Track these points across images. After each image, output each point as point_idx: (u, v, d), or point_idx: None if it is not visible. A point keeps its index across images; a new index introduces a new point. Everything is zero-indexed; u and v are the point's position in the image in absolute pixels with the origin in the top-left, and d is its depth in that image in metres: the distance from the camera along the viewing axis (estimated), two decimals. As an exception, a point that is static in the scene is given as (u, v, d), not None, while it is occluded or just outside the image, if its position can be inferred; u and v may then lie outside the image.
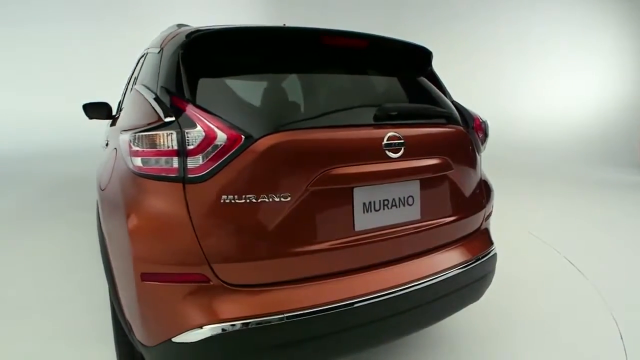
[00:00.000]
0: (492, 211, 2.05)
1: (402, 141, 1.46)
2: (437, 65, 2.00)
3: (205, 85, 1.38)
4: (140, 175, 1.30)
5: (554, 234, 3.87)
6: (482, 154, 1.93)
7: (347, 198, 1.39)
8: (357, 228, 1.42)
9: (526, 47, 10.29)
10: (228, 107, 1.34)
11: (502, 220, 4.24)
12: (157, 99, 1.41)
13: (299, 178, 1.30)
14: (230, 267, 1.27)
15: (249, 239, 1.28)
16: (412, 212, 1.55)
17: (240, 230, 1.27)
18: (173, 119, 1.27)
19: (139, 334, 1.35)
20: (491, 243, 1.89)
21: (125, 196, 1.36)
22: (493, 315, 2.39)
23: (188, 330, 1.24)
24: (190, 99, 1.33)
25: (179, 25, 1.91)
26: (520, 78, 10.36)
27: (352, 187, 1.40)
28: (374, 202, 1.45)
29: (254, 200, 1.26)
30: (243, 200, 1.25)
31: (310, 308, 1.31)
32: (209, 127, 1.25)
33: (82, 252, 3.17)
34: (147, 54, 1.99)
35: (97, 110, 2.73)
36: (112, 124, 2.50)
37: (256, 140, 1.26)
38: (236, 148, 1.24)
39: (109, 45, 8.81)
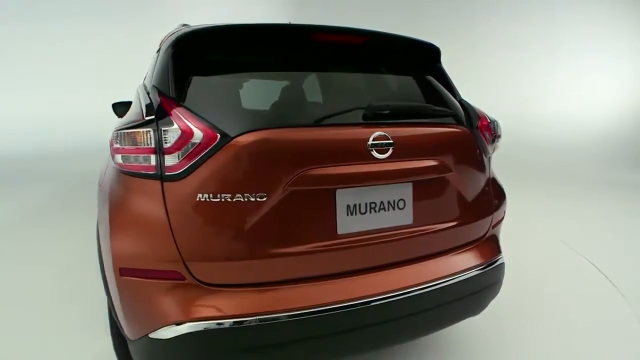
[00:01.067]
0: (503, 217, 1.92)
1: (390, 141, 1.39)
2: (460, 64, 1.91)
3: (192, 83, 1.39)
4: (123, 172, 1.33)
5: (587, 244, 3.58)
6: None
7: (330, 200, 1.35)
8: (340, 231, 1.37)
9: (550, 47, 10.19)
10: (210, 105, 1.33)
11: (529, 226, 4.03)
12: (146, 98, 1.44)
13: (276, 178, 1.27)
14: (206, 267, 1.27)
15: (225, 239, 1.27)
16: (403, 217, 1.47)
17: (215, 229, 1.26)
18: (153, 117, 1.29)
19: (124, 327, 1.38)
20: (498, 252, 1.77)
21: (110, 192, 1.40)
22: (520, 328, 2.23)
23: (162, 327, 1.25)
24: (174, 98, 1.34)
25: (183, 25, 1.94)
26: (544, 78, 10.12)
27: (335, 189, 1.35)
28: (359, 205, 1.39)
29: (229, 200, 1.24)
30: (218, 199, 1.24)
31: (285, 312, 1.27)
32: (186, 125, 1.25)
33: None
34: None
35: (126, 108, 2.84)
36: None
37: (232, 138, 1.25)
38: (212, 146, 1.24)
39: (133, 44, 8.70)
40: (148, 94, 1.47)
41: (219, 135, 1.24)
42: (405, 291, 1.44)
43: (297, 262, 1.33)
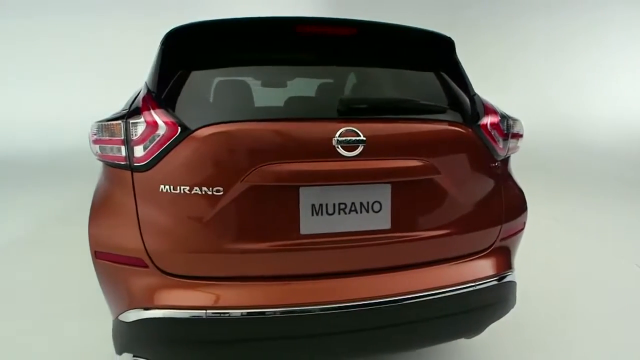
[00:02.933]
0: (521, 229, 1.67)
1: (360, 138, 1.28)
2: (504, 64, 1.71)
3: (172, 79, 1.42)
4: (103, 162, 1.42)
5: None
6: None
7: (292, 198, 1.29)
8: (304, 231, 1.31)
9: (603, 48, 9.77)
10: (182, 100, 1.36)
11: (597, 243, 3.46)
12: (135, 94, 1.52)
13: (232, 172, 1.25)
14: (166, 256, 1.30)
15: (184, 231, 1.29)
16: (378, 221, 1.36)
17: (175, 220, 1.29)
18: (126, 110, 1.36)
19: (108, 307, 1.48)
20: (505, 268, 1.55)
21: (98, 180, 1.50)
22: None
23: (127, 310, 1.31)
24: (155, 93, 1.40)
25: None
26: (596, 79, 9.64)
27: (298, 186, 1.29)
28: (326, 205, 1.32)
29: (187, 192, 1.26)
30: (178, 191, 1.27)
31: (239, 309, 1.25)
32: (152, 118, 1.29)
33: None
34: None
35: None
36: None
37: (192, 132, 1.26)
38: (173, 139, 1.26)
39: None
40: (141, 89, 1.55)
41: (179, 128, 1.26)
42: (378, 301, 1.33)
43: (256, 259, 1.30)
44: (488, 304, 1.48)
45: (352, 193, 1.33)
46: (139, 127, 1.29)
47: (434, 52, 1.68)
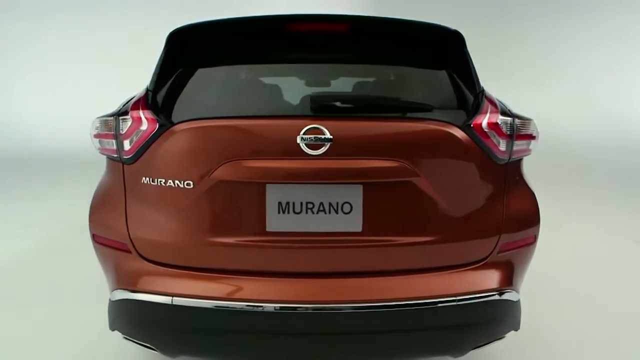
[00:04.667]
0: (531, 243, 1.49)
1: (325, 136, 1.25)
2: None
3: (168, 77, 1.51)
4: (104, 155, 1.56)
5: None
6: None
7: (259, 194, 1.30)
8: (270, 229, 1.31)
9: None
10: (169, 98, 1.43)
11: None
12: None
13: (200, 167, 1.30)
14: (145, 243, 1.39)
15: (159, 221, 1.37)
16: (349, 222, 1.31)
17: (153, 210, 1.38)
18: (120, 108, 1.48)
19: None
20: (502, 285, 1.39)
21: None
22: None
23: (114, 290, 1.44)
24: (150, 90, 1.50)
25: None
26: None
27: (265, 183, 1.30)
28: (293, 203, 1.30)
29: (163, 184, 1.34)
30: (156, 183, 1.35)
31: (199, 298, 1.30)
32: (137, 114, 1.39)
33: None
34: None
35: None
36: None
37: (168, 128, 1.33)
38: (152, 134, 1.35)
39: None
40: None
41: (158, 124, 1.34)
42: (343, 306, 1.28)
43: (224, 253, 1.33)
44: (471, 323, 1.34)
45: (320, 192, 1.30)
46: (127, 122, 1.40)
47: (436, 47, 1.57)
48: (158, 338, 1.37)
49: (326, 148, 1.25)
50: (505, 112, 1.44)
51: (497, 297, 1.36)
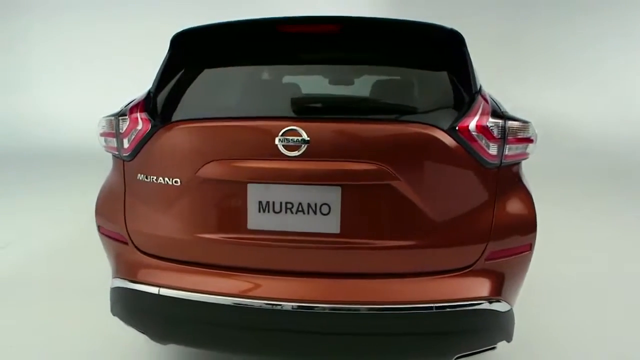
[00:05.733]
0: (525, 252, 1.43)
1: (303, 138, 1.26)
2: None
3: (168, 78, 1.58)
4: (109, 152, 1.67)
5: None
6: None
7: (241, 193, 1.34)
8: (251, 227, 1.35)
9: None
10: (165, 99, 1.51)
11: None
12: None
13: (186, 166, 1.36)
14: (139, 236, 1.48)
15: (150, 215, 1.45)
16: (327, 224, 1.32)
17: (146, 205, 1.46)
18: (122, 108, 1.57)
19: None
20: (489, 294, 1.35)
21: None
22: None
23: (114, 277, 1.55)
24: (152, 91, 1.59)
25: None
26: None
27: (246, 183, 1.34)
28: (273, 203, 1.33)
29: (154, 181, 1.42)
30: (148, 180, 1.43)
31: (184, 291, 1.36)
32: (135, 115, 1.48)
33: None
34: None
35: None
36: None
37: (159, 128, 1.41)
38: (145, 134, 1.43)
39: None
40: None
41: (150, 125, 1.42)
42: (316, 305, 1.30)
43: (208, 248, 1.39)
44: (452, 331, 1.31)
45: (299, 193, 1.32)
46: (125, 122, 1.49)
47: (431, 48, 1.53)
48: (147, 325, 1.46)
49: (303, 150, 1.27)
50: (497, 114, 1.38)
51: (481, 306, 1.32)
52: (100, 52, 8.92)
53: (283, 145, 1.27)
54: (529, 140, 1.42)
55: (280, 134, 1.27)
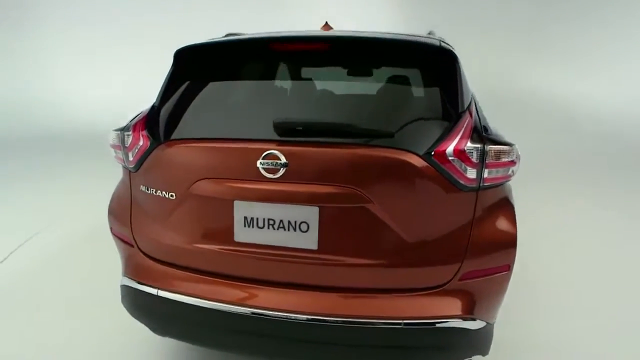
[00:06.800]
0: (500, 272, 1.45)
1: (281, 161, 1.34)
2: None
3: (169, 95, 1.69)
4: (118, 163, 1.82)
5: None
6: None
7: (228, 209, 1.45)
8: (238, 239, 1.46)
9: None
10: (165, 116, 1.62)
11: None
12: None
13: (180, 182, 1.48)
14: (142, 240, 1.64)
15: (150, 222, 1.60)
16: (306, 240, 1.41)
17: (147, 213, 1.61)
18: (128, 123, 1.71)
19: None
20: (462, 313, 1.40)
21: None
22: None
23: (123, 276, 1.73)
24: (156, 106, 1.71)
25: (226, 35, 2.25)
26: None
27: (233, 200, 1.44)
28: (257, 219, 1.43)
29: (154, 193, 1.56)
30: (149, 192, 1.58)
31: (179, 294, 1.51)
32: (137, 131, 1.61)
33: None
34: None
35: None
36: None
37: (157, 146, 1.53)
38: (145, 150, 1.56)
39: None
40: None
41: (149, 143, 1.55)
42: (296, 315, 1.40)
43: (201, 257, 1.52)
44: (417, 347, 1.38)
45: (280, 211, 1.41)
46: (129, 138, 1.63)
47: (419, 67, 1.54)
48: (147, 320, 1.65)
49: (282, 172, 1.35)
50: (478, 137, 1.38)
51: (449, 324, 1.37)
52: (119, 34, 8.70)
53: (264, 168, 1.36)
54: (510, 163, 1.42)
55: (262, 157, 1.36)
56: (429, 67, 1.53)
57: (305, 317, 1.39)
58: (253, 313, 1.43)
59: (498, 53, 8.17)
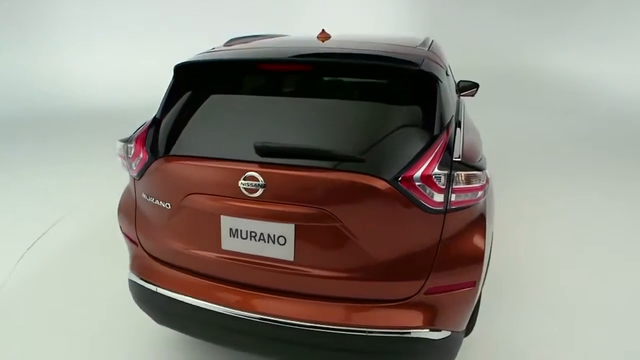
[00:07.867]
0: (465, 288, 1.54)
1: (259, 182, 1.46)
2: None
3: (169, 109, 1.82)
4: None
5: None
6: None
7: (216, 221, 1.60)
8: (224, 247, 1.62)
9: None
10: (162, 130, 1.77)
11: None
12: None
13: (174, 195, 1.64)
14: (145, 241, 1.84)
15: (150, 227, 1.79)
16: (283, 252, 1.55)
17: (148, 218, 1.80)
18: (131, 135, 1.87)
19: None
20: (423, 323, 1.51)
21: None
22: None
23: (129, 271, 1.94)
24: (157, 118, 1.85)
25: (230, 40, 2.34)
26: None
27: (219, 214, 1.59)
28: (240, 231, 1.58)
29: (153, 201, 1.73)
30: (149, 199, 1.75)
31: (176, 292, 1.71)
32: (137, 146, 1.77)
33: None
34: None
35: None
36: None
37: (154, 160, 1.69)
38: (145, 163, 1.72)
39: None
40: None
41: (148, 157, 1.71)
42: (271, 317, 1.57)
43: (194, 260, 1.70)
44: (378, 353, 1.52)
45: (260, 226, 1.55)
46: (132, 149, 1.79)
47: (393, 90, 1.61)
48: (148, 311, 1.87)
49: (260, 192, 1.47)
50: (447, 163, 1.45)
51: (411, 334, 1.49)
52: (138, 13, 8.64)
53: (244, 188, 1.49)
54: (479, 188, 1.48)
55: (242, 177, 1.49)
56: (407, 90, 1.59)
57: (279, 319, 1.56)
58: (238, 314, 1.61)
59: (519, 32, 8.07)
